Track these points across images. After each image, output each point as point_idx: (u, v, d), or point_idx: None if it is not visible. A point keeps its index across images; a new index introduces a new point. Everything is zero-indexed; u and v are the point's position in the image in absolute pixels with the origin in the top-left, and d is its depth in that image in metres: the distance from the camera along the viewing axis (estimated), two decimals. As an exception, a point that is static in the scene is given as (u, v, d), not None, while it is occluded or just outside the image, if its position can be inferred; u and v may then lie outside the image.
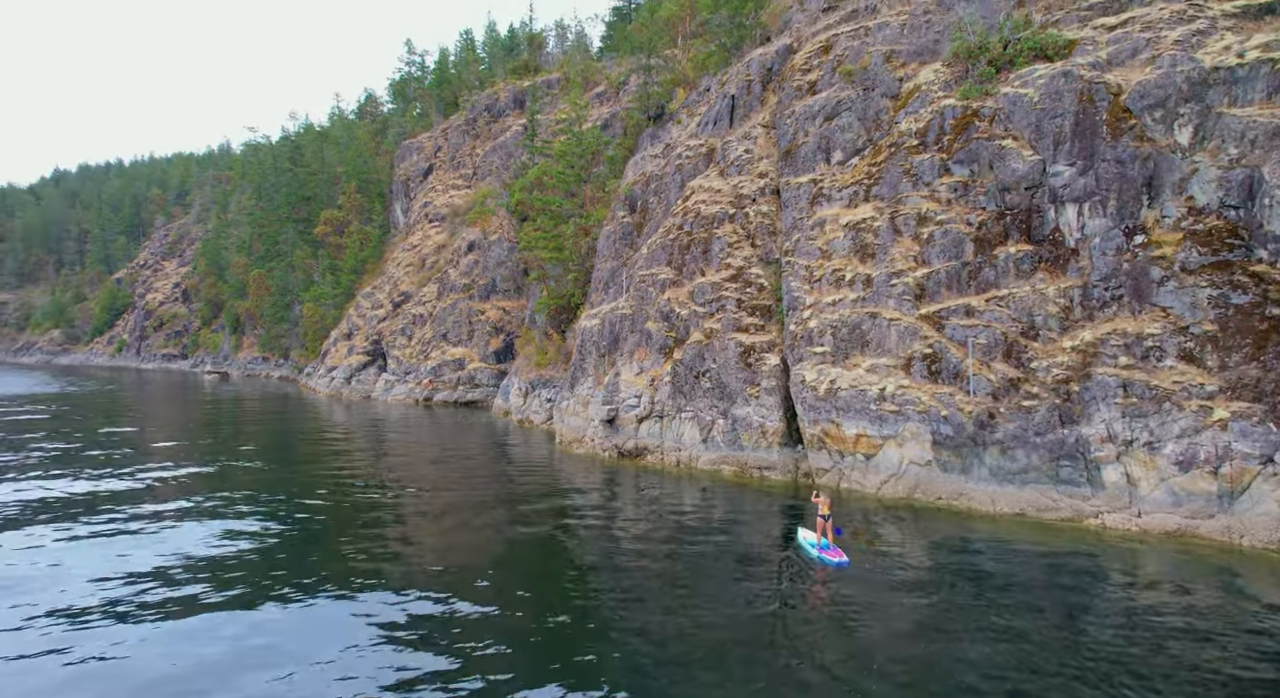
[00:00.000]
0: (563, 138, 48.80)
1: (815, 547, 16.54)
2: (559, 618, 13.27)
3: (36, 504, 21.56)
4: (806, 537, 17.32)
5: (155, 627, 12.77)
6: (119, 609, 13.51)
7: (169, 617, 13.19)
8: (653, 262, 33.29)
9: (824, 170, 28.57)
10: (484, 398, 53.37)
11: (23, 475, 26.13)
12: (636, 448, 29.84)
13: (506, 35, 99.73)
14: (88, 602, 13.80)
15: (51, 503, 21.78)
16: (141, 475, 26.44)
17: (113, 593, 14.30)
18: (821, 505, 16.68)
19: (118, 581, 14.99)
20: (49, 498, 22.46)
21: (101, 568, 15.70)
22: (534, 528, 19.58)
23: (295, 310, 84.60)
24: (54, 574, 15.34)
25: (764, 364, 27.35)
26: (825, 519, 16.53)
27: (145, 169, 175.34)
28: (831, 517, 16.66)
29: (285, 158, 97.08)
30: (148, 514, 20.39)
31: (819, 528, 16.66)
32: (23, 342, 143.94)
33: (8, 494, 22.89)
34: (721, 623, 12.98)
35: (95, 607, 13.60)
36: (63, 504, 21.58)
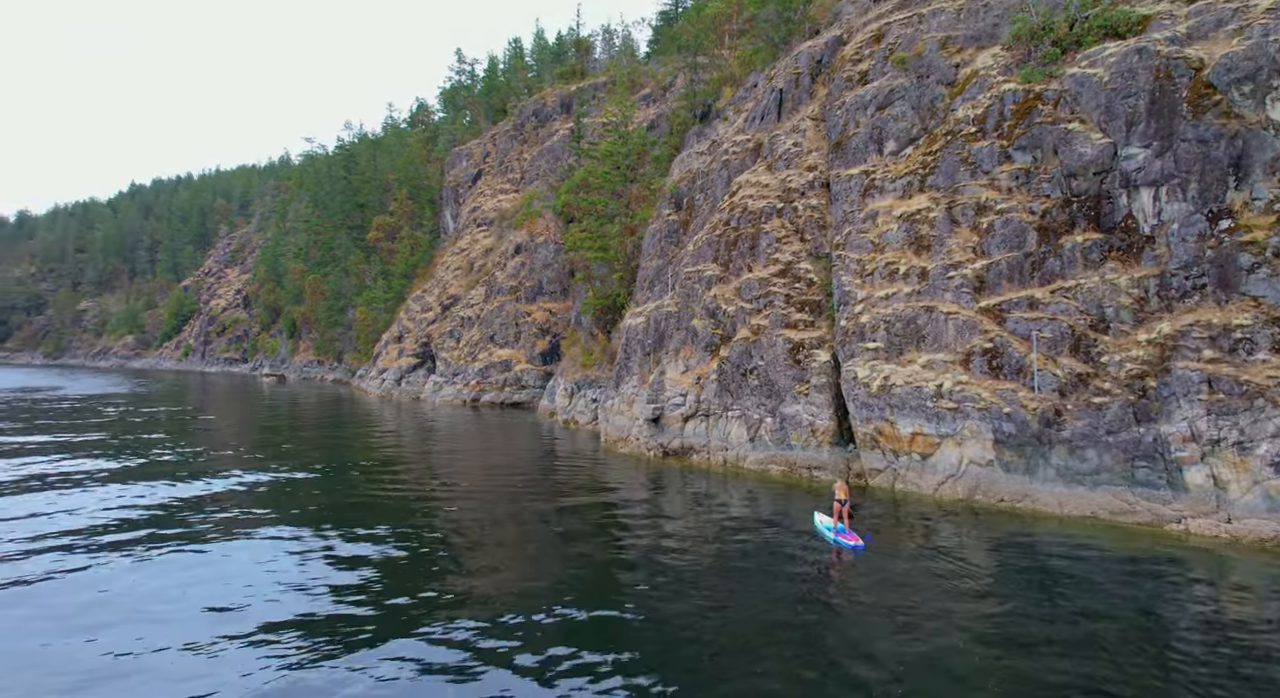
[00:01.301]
0: (609, 139, 48.68)
1: (831, 530, 17.17)
2: (602, 612, 12.81)
3: (124, 509, 22.12)
4: (823, 520, 17.99)
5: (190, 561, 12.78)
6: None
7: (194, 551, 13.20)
8: (699, 258, 32.73)
9: (876, 161, 27.61)
10: (530, 399, 53.51)
11: (99, 476, 26.98)
12: (682, 447, 29.26)
13: (554, 42, 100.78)
14: (169, 627, 13.86)
15: (132, 504, 22.35)
16: (203, 472, 27.06)
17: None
18: (838, 491, 17.36)
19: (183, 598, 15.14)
20: (137, 501, 23.06)
21: (160, 584, 15.89)
22: (578, 527, 19.19)
23: (348, 315, 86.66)
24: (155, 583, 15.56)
25: (813, 361, 26.49)
26: (842, 504, 17.22)
27: (211, 181, 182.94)
28: (847, 502, 17.35)
29: (340, 166, 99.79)
30: (205, 517, 20.73)
31: (835, 512, 17.33)
32: (100, 346, 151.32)
33: (107, 498, 23.59)
34: (769, 624, 12.33)
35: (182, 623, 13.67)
36: (137, 508, 22.10)
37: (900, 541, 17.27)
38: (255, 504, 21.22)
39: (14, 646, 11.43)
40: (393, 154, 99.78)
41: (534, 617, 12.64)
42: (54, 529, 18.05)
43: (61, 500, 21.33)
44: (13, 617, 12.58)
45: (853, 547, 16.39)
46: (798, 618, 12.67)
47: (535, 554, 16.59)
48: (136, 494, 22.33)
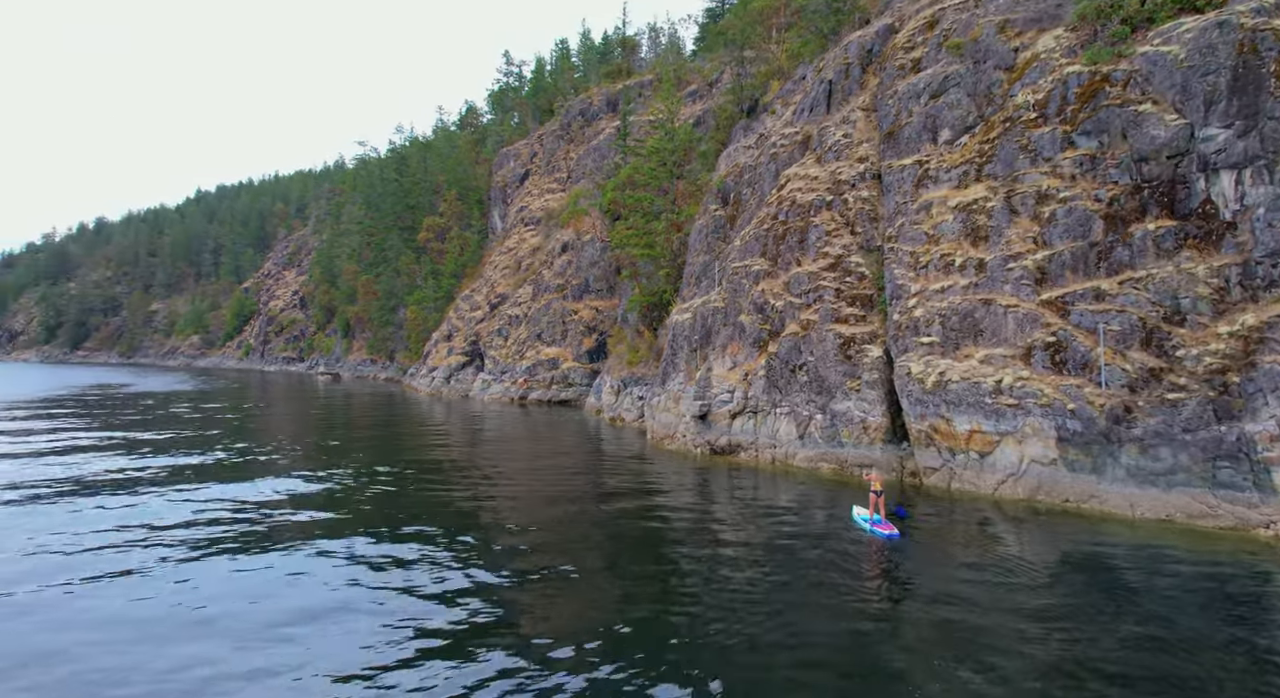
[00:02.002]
0: (655, 136, 48.46)
1: (868, 521, 17.50)
2: (645, 611, 12.60)
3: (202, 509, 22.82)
4: (860, 512, 18.32)
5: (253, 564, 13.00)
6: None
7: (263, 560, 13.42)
8: (746, 253, 32.26)
9: (930, 151, 26.74)
10: (577, 397, 53.67)
11: (170, 476, 27.97)
12: (729, 445, 28.85)
13: (600, 42, 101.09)
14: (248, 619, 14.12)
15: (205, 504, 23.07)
16: (262, 471, 27.83)
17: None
18: (874, 482, 17.54)
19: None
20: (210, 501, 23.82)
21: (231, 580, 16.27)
22: (625, 525, 19.01)
23: (400, 314, 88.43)
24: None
25: (865, 356, 25.79)
26: (878, 495, 17.41)
27: (270, 186, 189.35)
28: (883, 493, 17.57)
29: (391, 169, 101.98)
30: (263, 504, 21.27)
31: (871, 503, 17.54)
32: (169, 346, 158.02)
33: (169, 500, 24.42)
34: (819, 627, 11.93)
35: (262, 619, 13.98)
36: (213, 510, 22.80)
37: (958, 542, 16.60)
38: (312, 504, 21.65)
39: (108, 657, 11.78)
40: (442, 156, 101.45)
41: (590, 619, 12.49)
42: (113, 533, 18.69)
43: (124, 501, 22.12)
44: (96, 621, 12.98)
45: (887, 536, 16.73)
46: (850, 623, 12.23)
47: (578, 552, 16.46)
48: (212, 493, 23.03)
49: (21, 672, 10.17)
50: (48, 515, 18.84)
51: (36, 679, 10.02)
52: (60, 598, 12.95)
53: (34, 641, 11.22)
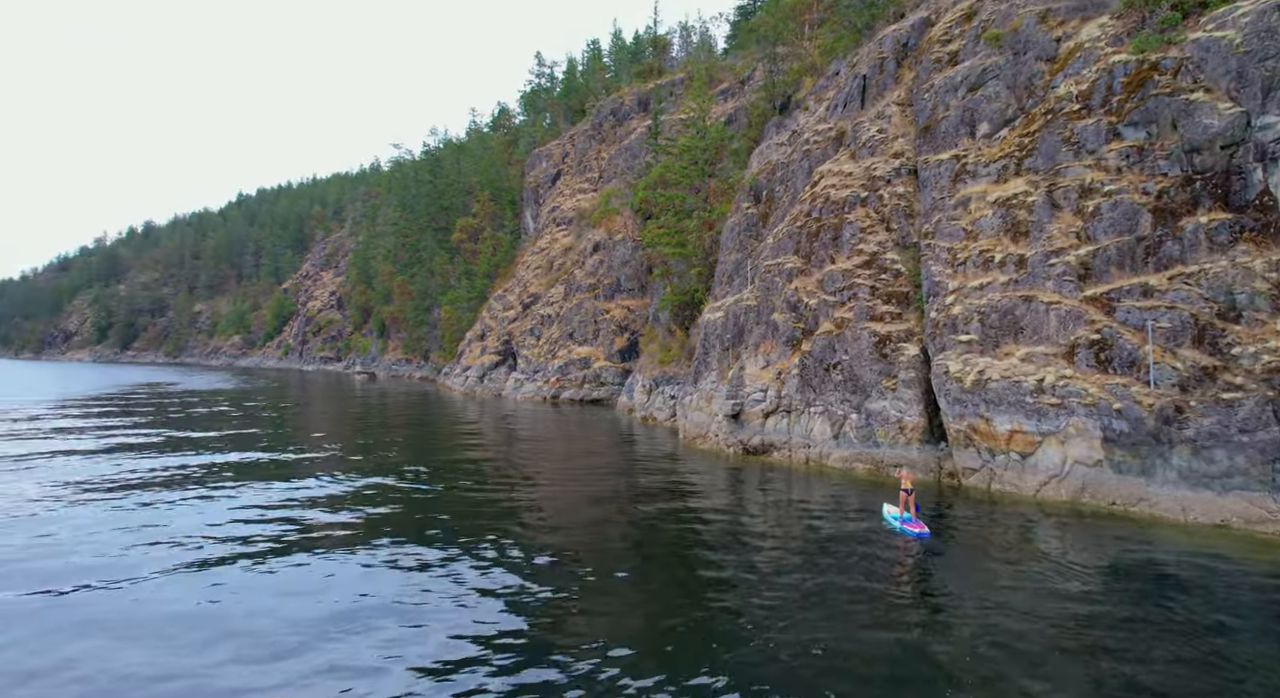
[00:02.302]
0: (687, 134, 48.28)
1: (897, 519, 17.48)
2: (681, 619, 12.49)
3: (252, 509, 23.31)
4: (891, 511, 18.28)
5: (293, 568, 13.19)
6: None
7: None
8: (779, 251, 31.94)
9: (968, 145, 26.17)
10: (609, 396, 53.77)
11: (218, 479, 28.66)
12: (762, 444, 28.58)
13: (631, 42, 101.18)
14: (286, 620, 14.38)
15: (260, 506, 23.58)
16: (295, 465, 28.38)
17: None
18: (904, 480, 17.59)
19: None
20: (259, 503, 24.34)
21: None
22: (659, 527, 18.89)
23: (434, 314, 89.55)
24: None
25: (901, 355, 25.33)
26: (908, 493, 17.43)
27: (308, 189, 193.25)
28: (913, 491, 17.60)
29: (425, 171, 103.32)
30: (308, 499, 21.64)
31: (901, 501, 17.56)
32: (212, 346, 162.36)
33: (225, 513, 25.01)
34: (860, 636, 11.69)
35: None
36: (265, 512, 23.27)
37: (1000, 545, 16.17)
38: (347, 504, 21.95)
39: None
40: (475, 157, 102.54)
41: (628, 624, 12.44)
42: (151, 531, 19.15)
43: (164, 497, 22.67)
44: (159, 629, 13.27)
45: (918, 534, 16.68)
46: (890, 632, 11.95)
47: (610, 553, 16.41)
48: (250, 493, 23.53)
49: (54, 674, 10.41)
50: (93, 514, 19.37)
51: (72, 677, 10.26)
52: (96, 597, 13.23)
53: (72, 641, 11.48)
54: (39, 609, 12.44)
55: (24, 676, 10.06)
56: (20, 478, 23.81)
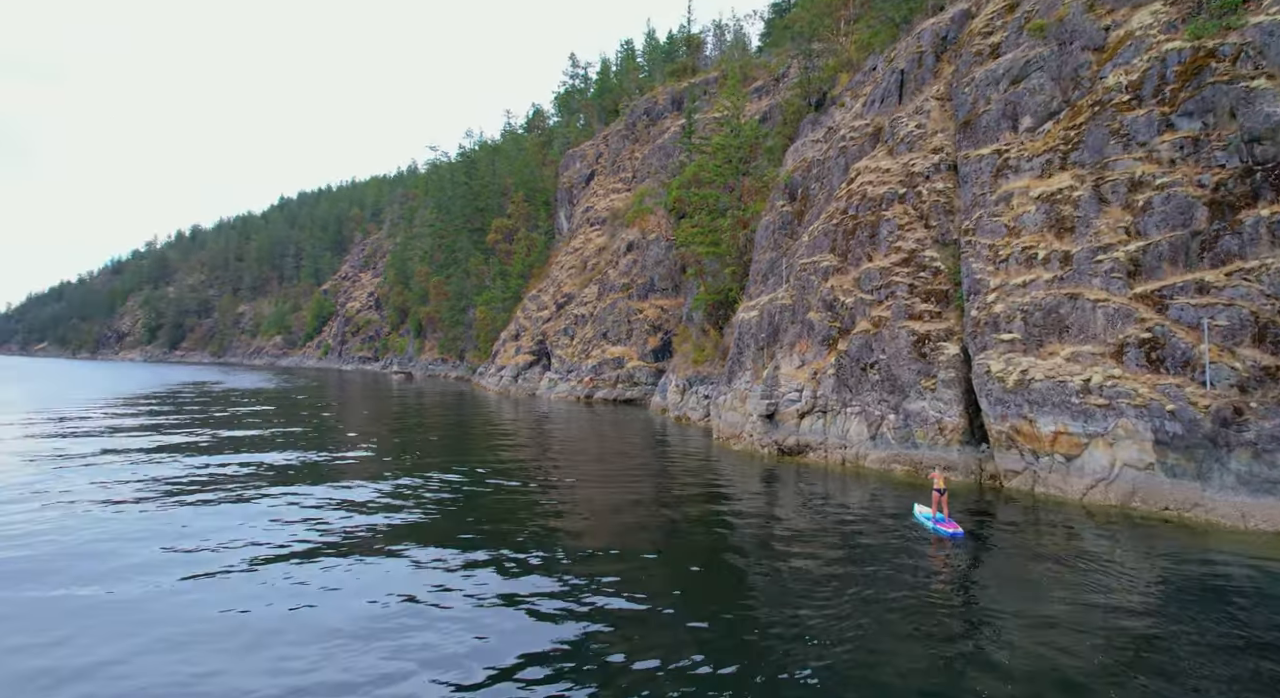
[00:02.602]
0: (721, 133, 47.98)
1: (930, 519, 17.42)
2: (710, 626, 12.35)
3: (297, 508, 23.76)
4: (922, 511, 18.32)
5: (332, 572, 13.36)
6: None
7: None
8: (814, 249, 31.53)
9: (1010, 139, 25.51)
10: (642, 396, 53.72)
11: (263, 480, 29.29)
12: (798, 445, 28.23)
13: (665, 42, 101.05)
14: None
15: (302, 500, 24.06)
16: (334, 464, 28.88)
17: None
18: (937, 481, 17.57)
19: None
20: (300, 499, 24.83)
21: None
22: (693, 529, 18.74)
23: (469, 314, 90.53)
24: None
25: (940, 354, 24.79)
26: (941, 494, 17.40)
27: (347, 191, 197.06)
28: (946, 491, 17.58)
29: (461, 172, 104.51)
30: (344, 501, 22.00)
31: (934, 502, 17.51)
32: (254, 346, 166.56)
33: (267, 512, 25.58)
34: (903, 649, 11.40)
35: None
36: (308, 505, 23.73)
37: (1045, 552, 15.65)
38: (383, 506, 22.22)
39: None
40: (510, 159, 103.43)
41: (659, 628, 12.34)
42: (192, 534, 19.56)
43: (204, 498, 23.20)
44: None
45: (951, 534, 16.56)
46: (931, 645, 11.65)
47: (642, 554, 16.32)
48: (292, 492, 23.98)
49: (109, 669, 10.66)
50: (137, 515, 19.89)
51: (124, 674, 10.51)
52: (142, 598, 13.54)
53: (115, 641, 11.74)
54: (84, 608, 12.76)
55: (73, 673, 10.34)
56: (71, 478, 24.62)
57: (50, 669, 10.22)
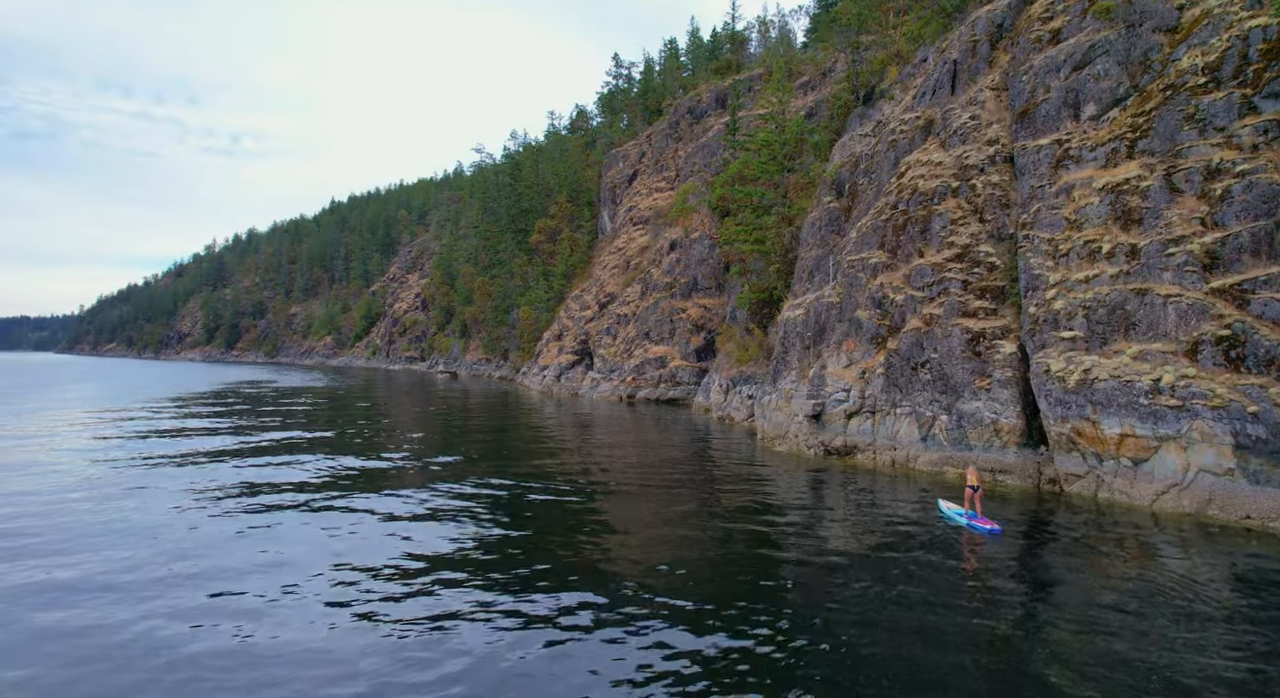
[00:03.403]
0: (766, 127, 47.18)
1: (963, 515, 17.42)
2: (755, 630, 11.91)
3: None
4: (950, 507, 18.35)
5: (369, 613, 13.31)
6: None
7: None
8: (863, 245, 30.68)
9: (1071, 128, 24.35)
10: (685, 396, 53.25)
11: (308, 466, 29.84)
12: (845, 446, 27.47)
13: (709, 40, 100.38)
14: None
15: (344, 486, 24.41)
16: (387, 456, 29.20)
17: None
18: (970, 477, 17.64)
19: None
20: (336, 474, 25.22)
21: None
22: (734, 532, 18.27)
23: (513, 315, 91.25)
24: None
25: (996, 353, 23.80)
26: (974, 490, 17.52)
27: (395, 194, 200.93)
28: (980, 488, 17.69)
29: (506, 174, 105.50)
30: (386, 495, 22.15)
31: (967, 498, 17.59)
32: (305, 347, 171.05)
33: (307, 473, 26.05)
34: (963, 661, 10.81)
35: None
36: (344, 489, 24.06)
37: (1111, 562, 14.75)
38: (428, 503, 22.29)
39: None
40: (554, 160, 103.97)
41: (706, 621, 11.98)
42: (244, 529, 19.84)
43: (260, 502, 23.57)
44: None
45: (988, 530, 16.51)
46: (994, 656, 11.02)
47: (686, 557, 15.94)
48: (340, 485, 24.28)
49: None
50: (205, 520, 20.29)
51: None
52: (203, 598, 13.70)
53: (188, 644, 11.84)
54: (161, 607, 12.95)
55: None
56: (139, 481, 25.32)
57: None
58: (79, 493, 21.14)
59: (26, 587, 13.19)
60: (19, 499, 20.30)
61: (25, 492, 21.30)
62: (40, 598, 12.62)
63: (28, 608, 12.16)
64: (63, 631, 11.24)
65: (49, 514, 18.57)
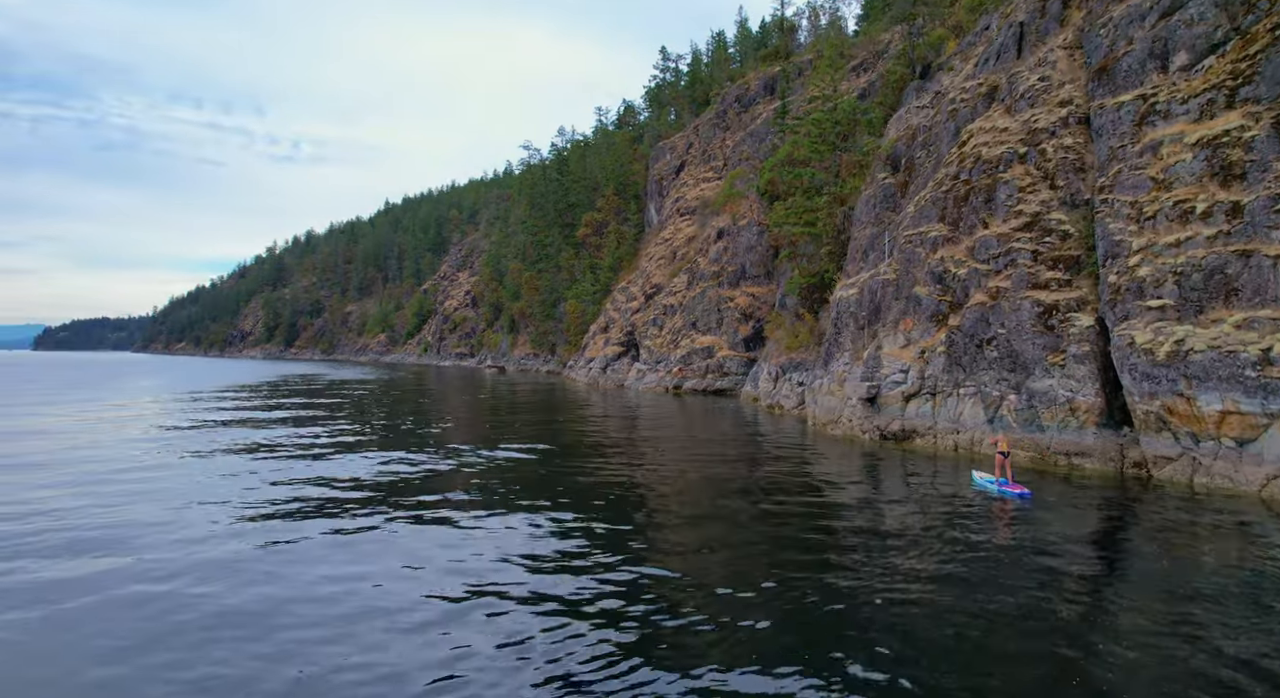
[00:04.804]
0: (818, 104, 45.33)
1: (994, 482, 17.53)
2: (810, 607, 10.66)
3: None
4: (982, 476, 18.43)
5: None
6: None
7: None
8: (921, 219, 28.86)
9: (1158, 81, 22.19)
10: (733, 387, 51.79)
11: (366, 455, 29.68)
12: (903, 430, 25.76)
13: (757, 30, 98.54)
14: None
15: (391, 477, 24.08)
16: (438, 450, 28.77)
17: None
18: (1000, 444, 17.73)
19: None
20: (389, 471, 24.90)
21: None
22: (790, 521, 16.92)
23: (560, 309, 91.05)
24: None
25: (1071, 326, 21.82)
26: (1004, 456, 17.57)
27: (447, 195, 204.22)
28: (1010, 454, 17.80)
29: (554, 169, 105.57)
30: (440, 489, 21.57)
31: (997, 464, 17.65)
32: (360, 344, 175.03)
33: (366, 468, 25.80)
34: (1018, 673, 9.38)
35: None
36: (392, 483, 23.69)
37: (1212, 558, 12.87)
38: (474, 485, 21.64)
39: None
40: (601, 154, 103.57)
41: (752, 627, 10.81)
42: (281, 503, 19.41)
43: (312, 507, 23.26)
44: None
45: (1018, 494, 16.64)
46: (1051, 664, 9.55)
47: (735, 545, 14.74)
48: (389, 467, 23.88)
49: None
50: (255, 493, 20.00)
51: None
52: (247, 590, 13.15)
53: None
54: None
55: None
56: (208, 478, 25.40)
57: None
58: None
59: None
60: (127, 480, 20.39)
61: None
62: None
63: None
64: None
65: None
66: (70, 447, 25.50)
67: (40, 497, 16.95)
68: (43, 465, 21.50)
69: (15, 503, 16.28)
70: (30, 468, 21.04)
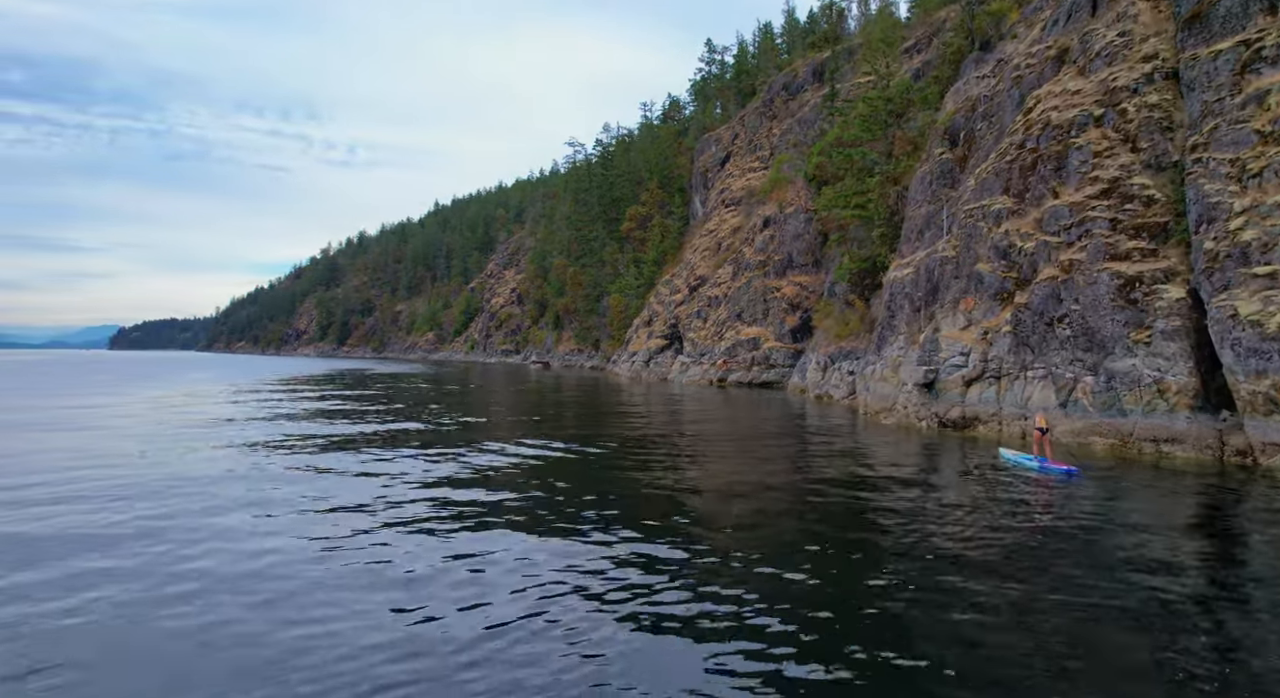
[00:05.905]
0: (869, 82, 43.21)
1: (1031, 459, 16.94)
2: (868, 616, 9.18)
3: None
4: (1013, 454, 18.01)
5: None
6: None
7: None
8: (983, 192, 26.78)
9: (1264, 24, 19.85)
10: (779, 379, 49.91)
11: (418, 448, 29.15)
12: (963, 417, 23.79)
13: (805, 20, 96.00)
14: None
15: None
16: (478, 439, 28.01)
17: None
18: (1039, 420, 17.50)
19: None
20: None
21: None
22: (838, 518, 15.40)
23: (603, 304, 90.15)
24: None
25: (1158, 299, 19.63)
26: (1044, 433, 17.04)
27: (494, 195, 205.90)
28: (1049, 431, 17.36)
29: (598, 164, 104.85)
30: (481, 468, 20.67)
31: (1036, 441, 17.13)
32: (409, 342, 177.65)
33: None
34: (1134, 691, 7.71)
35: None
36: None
37: None
38: (508, 483, 20.68)
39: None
40: (645, 149, 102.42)
41: (778, 603, 9.41)
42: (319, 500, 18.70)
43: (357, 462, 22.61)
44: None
45: (1065, 471, 15.87)
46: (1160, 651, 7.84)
47: (785, 538, 13.29)
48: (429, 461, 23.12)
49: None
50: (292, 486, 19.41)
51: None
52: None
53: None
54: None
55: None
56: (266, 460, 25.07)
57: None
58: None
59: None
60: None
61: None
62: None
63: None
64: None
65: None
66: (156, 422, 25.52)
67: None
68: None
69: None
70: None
